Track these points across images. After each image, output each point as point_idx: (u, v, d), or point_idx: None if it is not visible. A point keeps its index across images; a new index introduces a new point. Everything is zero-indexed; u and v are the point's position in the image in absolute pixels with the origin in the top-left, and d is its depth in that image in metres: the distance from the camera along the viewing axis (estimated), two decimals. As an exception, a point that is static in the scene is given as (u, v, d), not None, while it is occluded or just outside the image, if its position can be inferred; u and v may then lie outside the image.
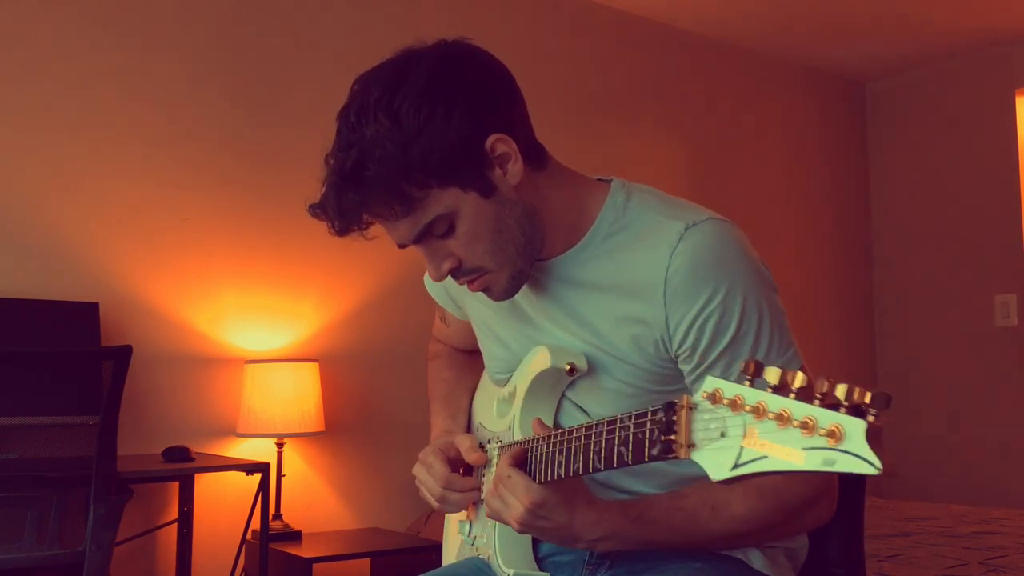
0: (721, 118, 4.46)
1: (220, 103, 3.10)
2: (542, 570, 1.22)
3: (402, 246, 1.15)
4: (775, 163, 4.65)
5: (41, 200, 2.78)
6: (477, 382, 1.47)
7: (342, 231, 1.13)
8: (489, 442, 1.30)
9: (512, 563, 1.20)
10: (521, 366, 1.25)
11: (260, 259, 3.13)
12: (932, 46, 4.57)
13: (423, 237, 1.12)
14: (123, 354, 1.98)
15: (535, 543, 1.25)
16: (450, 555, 1.42)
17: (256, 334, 3.10)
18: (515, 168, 1.12)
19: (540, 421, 1.11)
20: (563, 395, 1.21)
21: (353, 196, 1.08)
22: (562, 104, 3.77)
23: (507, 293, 1.18)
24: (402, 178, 1.06)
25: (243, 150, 3.13)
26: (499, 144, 1.10)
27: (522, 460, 1.11)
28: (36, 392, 2.11)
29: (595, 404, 1.19)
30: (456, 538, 1.38)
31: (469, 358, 1.52)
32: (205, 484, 2.88)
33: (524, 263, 1.16)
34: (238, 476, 2.71)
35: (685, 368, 1.14)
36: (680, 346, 1.12)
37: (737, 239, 1.13)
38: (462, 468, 1.29)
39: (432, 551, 2.70)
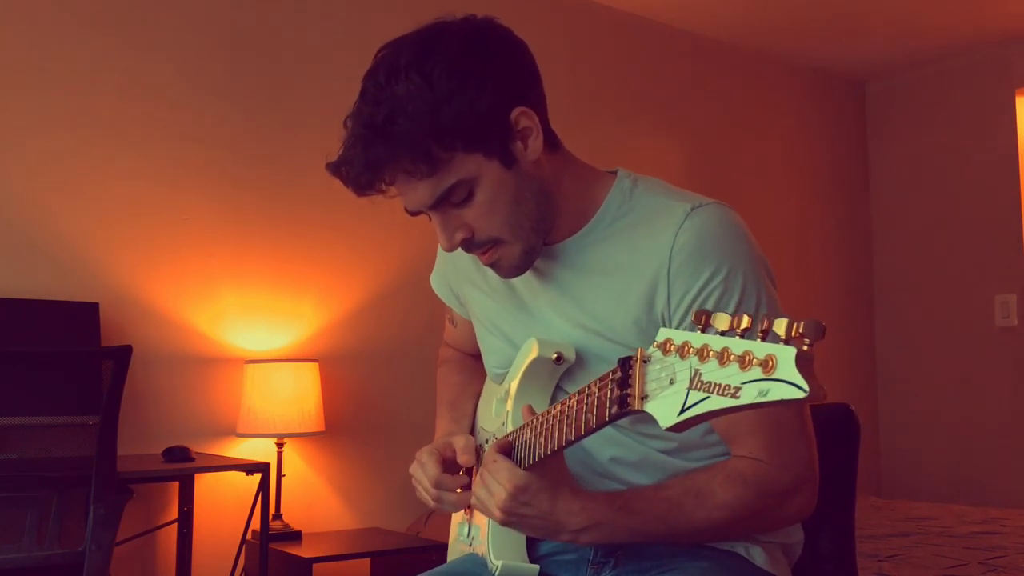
0: (721, 118, 4.46)
1: (220, 103, 3.10)
2: (544, 570, 1.22)
3: (415, 213, 1.15)
4: (775, 163, 4.65)
5: (41, 200, 2.78)
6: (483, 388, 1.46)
7: (363, 188, 1.11)
8: (487, 442, 1.30)
9: (502, 555, 1.20)
10: (515, 360, 1.25)
11: (260, 259, 3.13)
12: (932, 46, 4.56)
13: (441, 203, 1.11)
14: (123, 354, 1.98)
15: (534, 542, 1.25)
16: (453, 557, 1.42)
17: (256, 334, 3.10)
18: (535, 144, 1.14)
19: (530, 407, 1.11)
20: (558, 386, 1.21)
21: (381, 149, 1.07)
22: (561, 104, 3.74)
23: (517, 269, 1.18)
24: (430, 137, 1.06)
25: (243, 150, 3.13)
26: (523, 117, 1.12)
27: (507, 449, 1.11)
28: (36, 392, 2.11)
29: None
30: (457, 540, 1.38)
31: (478, 363, 1.51)
32: (205, 484, 2.88)
33: (537, 240, 1.17)
34: (238, 476, 2.71)
35: None
36: (680, 323, 1.13)
37: (741, 224, 1.16)
38: (462, 470, 1.29)
39: (432, 551, 2.70)
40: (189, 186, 3.02)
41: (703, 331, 0.76)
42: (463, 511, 1.36)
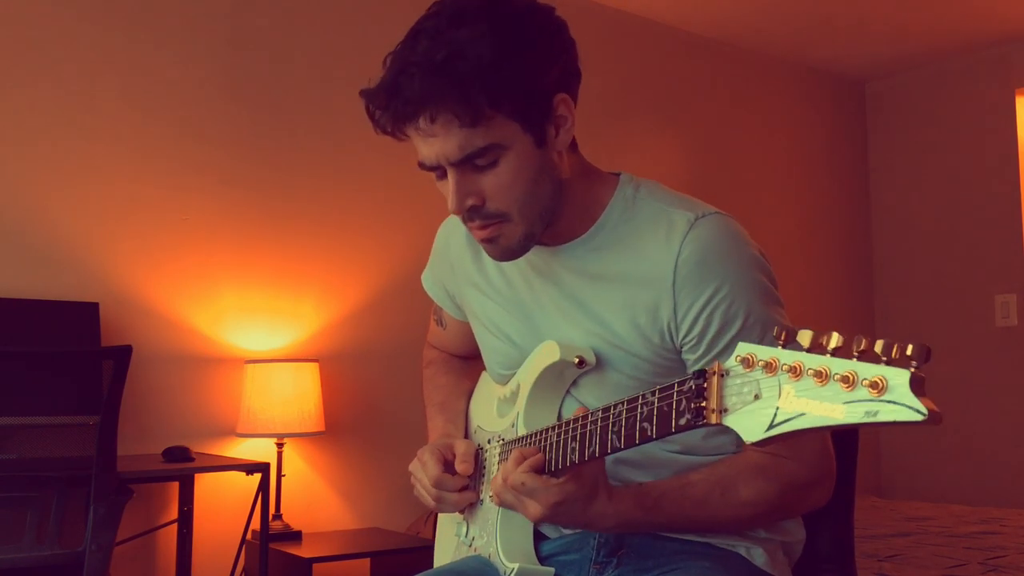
0: (721, 118, 4.46)
1: (220, 103, 3.10)
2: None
3: (431, 167, 1.12)
4: (775, 163, 4.65)
5: (41, 200, 2.78)
6: (473, 387, 1.46)
7: (400, 120, 1.08)
8: (489, 442, 1.29)
9: (515, 558, 1.20)
10: (526, 362, 1.25)
11: (260, 259, 3.13)
12: (932, 46, 4.57)
13: (466, 161, 1.09)
14: (123, 354, 1.98)
15: (537, 543, 1.25)
16: (444, 557, 1.41)
17: (256, 334, 3.10)
18: (566, 135, 1.15)
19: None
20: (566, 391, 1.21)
21: (436, 82, 1.04)
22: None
23: (512, 252, 1.17)
24: (483, 87, 1.04)
25: (243, 150, 3.13)
26: (563, 105, 1.13)
27: (538, 464, 1.09)
28: (36, 392, 2.11)
29: (594, 399, 1.19)
30: (452, 540, 1.37)
31: (464, 364, 1.51)
32: (205, 484, 2.88)
33: (540, 228, 1.16)
34: (238, 476, 2.71)
35: (690, 357, 1.15)
36: (687, 334, 1.14)
37: (743, 233, 1.17)
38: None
39: (432, 551, 2.70)
40: (189, 186, 3.02)
41: (784, 347, 0.76)
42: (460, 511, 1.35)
